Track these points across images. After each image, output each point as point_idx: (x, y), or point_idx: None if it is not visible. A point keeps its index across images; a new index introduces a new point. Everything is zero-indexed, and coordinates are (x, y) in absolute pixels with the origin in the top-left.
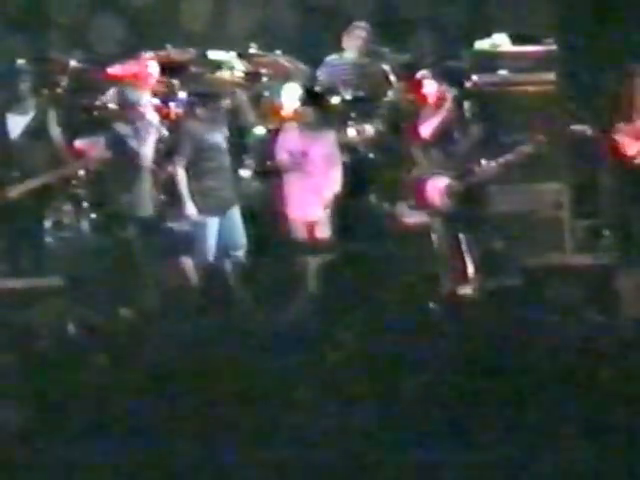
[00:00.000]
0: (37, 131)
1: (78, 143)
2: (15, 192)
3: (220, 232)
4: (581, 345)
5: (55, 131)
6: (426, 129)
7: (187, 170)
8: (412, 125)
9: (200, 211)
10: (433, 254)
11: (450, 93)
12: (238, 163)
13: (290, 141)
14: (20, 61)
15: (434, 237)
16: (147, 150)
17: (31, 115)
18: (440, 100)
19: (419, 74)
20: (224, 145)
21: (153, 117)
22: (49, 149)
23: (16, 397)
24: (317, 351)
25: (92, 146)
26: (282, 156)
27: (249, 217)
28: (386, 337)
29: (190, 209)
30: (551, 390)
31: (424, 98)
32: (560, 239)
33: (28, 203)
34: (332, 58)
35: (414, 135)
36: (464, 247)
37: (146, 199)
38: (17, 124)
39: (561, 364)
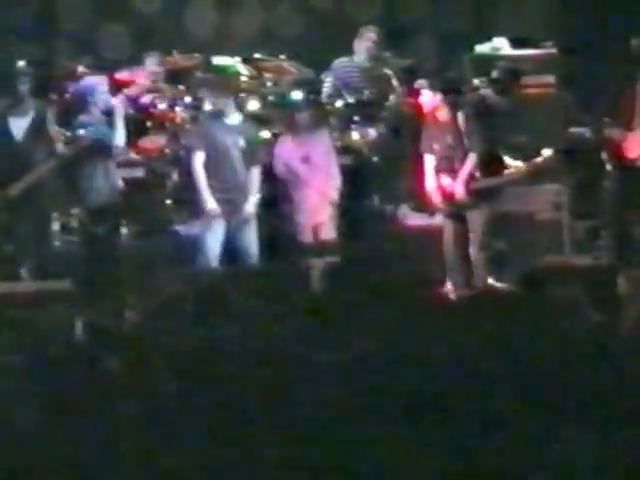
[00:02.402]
0: (37, 131)
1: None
2: (16, 190)
3: (230, 237)
4: (581, 346)
5: (54, 129)
6: (427, 139)
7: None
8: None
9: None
10: (436, 255)
11: (446, 103)
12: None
13: (288, 151)
14: (20, 63)
15: (447, 236)
16: (118, 136)
17: (31, 116)
18: (435, 109)
19: (417, 83)
20: (237, 147)
21: (116, 104)
22: (49, 148)
23: (24, 400)
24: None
25: None
26: (283, 168)
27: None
28: (388, 338)
29: (210, 204)
30: (549, 391)
31: (420, 107)
32: (559, 240)
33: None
34: (340, 61)
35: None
36: (473, 248)
37: (108, 188)
38: (18, 126)
39: (559, 364)
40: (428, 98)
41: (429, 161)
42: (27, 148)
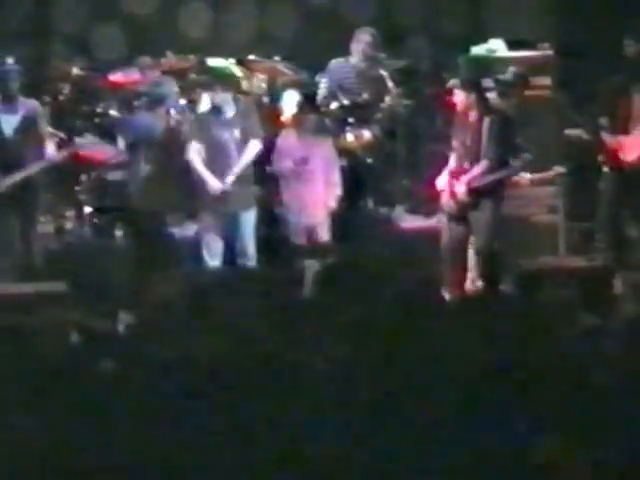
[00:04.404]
0: (27, 130)
1: (80, 149)
2: (2, 186)
3: (228, 237)
4: (575, 348)
5: (45, 128)
6: (457, 136)
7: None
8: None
9: (204, 214)
10: (431, 257)
11: (476, 102)
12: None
13: (289, 148)
14: (9, 61)
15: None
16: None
17: (21, 114)
18: (467, 108)
19: (450, 83)
20: (233, 146)
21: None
22: (39, 147)
23: (18, 404)
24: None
25: (94, 151)
26: (282, 164)
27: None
28: (384, 340)
29: (213, 182)
30: (547, 393)
31: (453, 106)
32: (554, 242)
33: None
34: (336, 62)
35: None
36: (472, 249)
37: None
38: (9, 123)
39: (557, 366)
40: (461, 97)
41: (451, 159)
42: (16, 145)
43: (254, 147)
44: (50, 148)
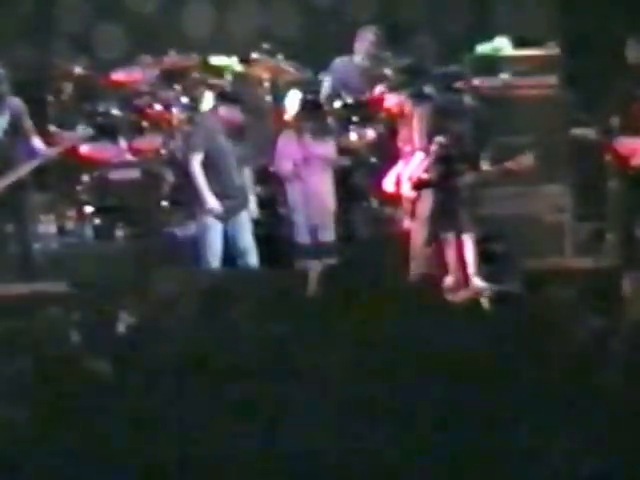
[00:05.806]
0: (15, 129)
1: (84, 148)
2: None
3: (227, 238)
4: (582, 348)
5: (28, 123)
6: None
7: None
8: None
9: (205, 215)
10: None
11: (410, 103)
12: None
13: (290, 148)
14: None
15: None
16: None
17: (8, 114)
18: (402, 110)
19: (377, 90)
20: (234, 157)
21: None
22: (27, 142)
23: (19, 404)
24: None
25: (97, 150)
26: (283, 164)
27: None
28: (385, 341)
29: (212, 202)
30: (552, 395)
31: (389, 111)
32: (561, 242)
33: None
34: (340, 60)
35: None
36: (466, 250)
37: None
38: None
39: (562, 368)
40: (392, 102)
41: (400, 159)
42: (8, 146)
43: (248, 173)
44: (37, 143)
